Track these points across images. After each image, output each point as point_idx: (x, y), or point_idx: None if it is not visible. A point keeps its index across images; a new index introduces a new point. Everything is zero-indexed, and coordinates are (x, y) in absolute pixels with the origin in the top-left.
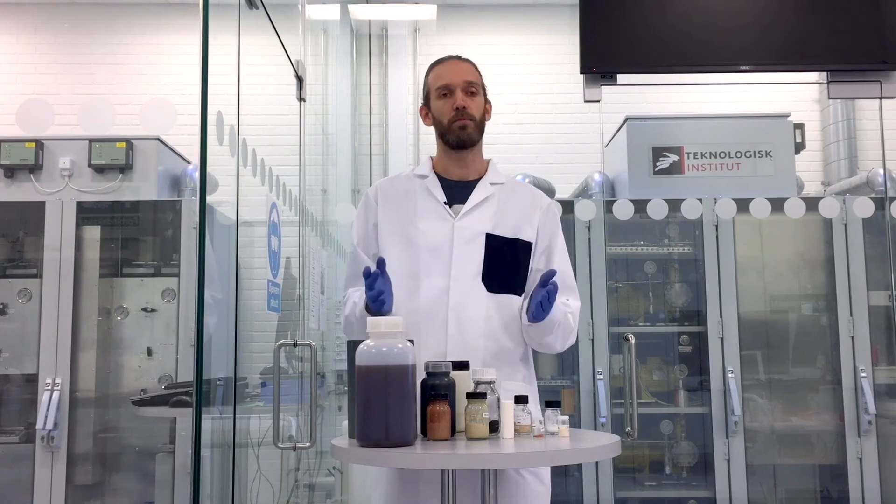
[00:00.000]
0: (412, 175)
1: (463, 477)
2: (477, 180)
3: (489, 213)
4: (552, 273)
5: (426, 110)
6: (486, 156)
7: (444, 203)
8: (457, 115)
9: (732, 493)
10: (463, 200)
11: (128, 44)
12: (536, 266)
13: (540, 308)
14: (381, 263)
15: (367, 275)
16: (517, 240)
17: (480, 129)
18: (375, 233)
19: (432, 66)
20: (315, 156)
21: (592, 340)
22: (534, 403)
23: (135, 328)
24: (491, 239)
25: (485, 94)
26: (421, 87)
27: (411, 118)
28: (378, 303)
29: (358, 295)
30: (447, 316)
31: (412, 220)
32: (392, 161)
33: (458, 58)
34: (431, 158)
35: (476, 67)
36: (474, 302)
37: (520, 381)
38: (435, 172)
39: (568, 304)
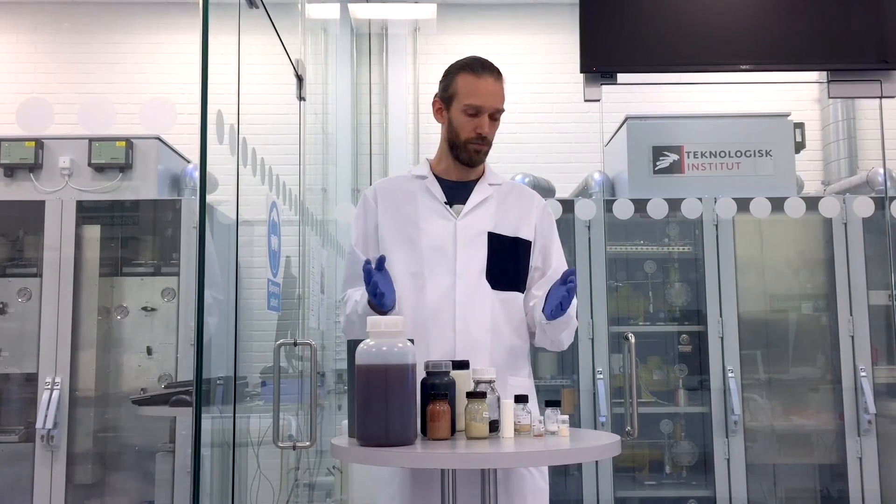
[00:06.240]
0: (410, 176)
1: (464, 476)
2: (475, 181)
3: (490, 212)
4: (572, 272)
5: (441, 105)
6: None
7: (445, 203)
8: (477, 139)
9: (732, 493)
10: (462, 201)
11: (128, 43)
12: (534, 264)
13: (559, 307)
14: (380, 261)
15: (367, 271)
16: (518, 238)
17: (489, 149)
18: (376, 234)
19: (466, 68)
20: (315, 155)
21: (592, 340)
22: (533, 401)
23: (135, 327)
24: (493, 237)
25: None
26: (421, 85)
27: (411, 118)
28: (378, 296)
29: (359, 294)
30: (454, 313)
31: (413, 221)
32: (392, 161)
33: (495, 74)
34: (429, 160)
35: (503, 83)
36: (480, 299)
37: (525, 378)
38: (433, 173)
39: None
